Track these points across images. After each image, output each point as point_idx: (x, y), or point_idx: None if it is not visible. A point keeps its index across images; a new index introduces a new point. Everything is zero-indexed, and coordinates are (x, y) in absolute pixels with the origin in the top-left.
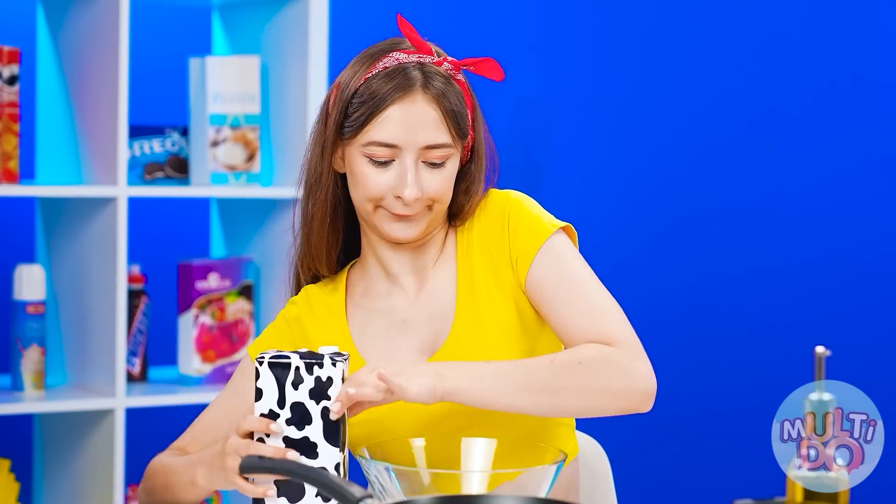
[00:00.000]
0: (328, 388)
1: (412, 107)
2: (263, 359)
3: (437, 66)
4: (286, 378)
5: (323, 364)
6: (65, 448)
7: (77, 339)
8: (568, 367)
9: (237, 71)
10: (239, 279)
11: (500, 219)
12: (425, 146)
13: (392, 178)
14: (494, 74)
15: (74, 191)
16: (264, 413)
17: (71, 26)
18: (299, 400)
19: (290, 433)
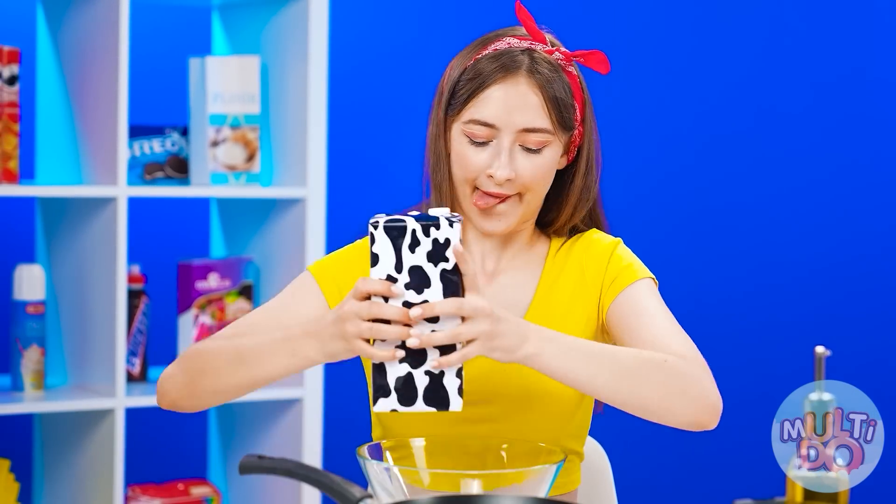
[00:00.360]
0: (445, 250)
1: (514, 88)
2: (378, 223)
3: (548, 54)
4: (402, 241)
5: (440, 225)
6: (65, 448)
7: (77, 339)
8: (654, 362)
9: (237, 71)
10: (239, 279)
11: (604, 253)
12: (523, 129)
13: (487, 157)
14: (601, 67)
15: (74, 191)
16: (382, 278)
17: (71, 26)
18: (417, 263)
19: (409, 297)
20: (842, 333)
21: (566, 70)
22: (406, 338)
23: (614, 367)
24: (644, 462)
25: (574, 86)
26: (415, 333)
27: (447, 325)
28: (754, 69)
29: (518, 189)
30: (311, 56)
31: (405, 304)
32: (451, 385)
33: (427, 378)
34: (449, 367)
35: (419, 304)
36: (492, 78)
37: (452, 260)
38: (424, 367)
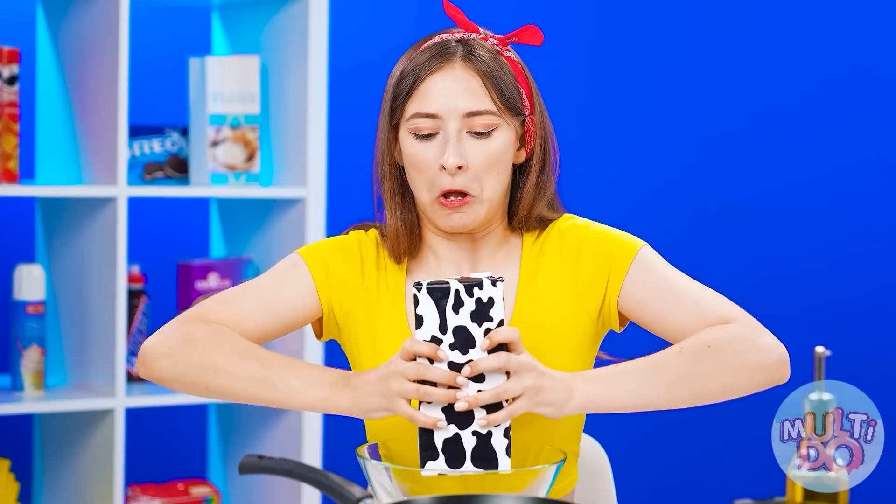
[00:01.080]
0: (489, 310)
1: (451, 74)
2: (422, 285)
3: (483, 41)
4: (446, 302)
5: (483, 285)
6: (65, 448)
7: (77, 339)
8: (699, 353)
9: (237, 71)
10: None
11: (587, 238)
12: (466, 113)
13: (437, 149)
14: (535, 40)
15: (74, 191)
16: (426, 341)
17: (71, 26)
18: (461, 324)
19: (454, 358)
20: (842, 333)
21: (504, 55)
22: (453, 400)
23: (665, 378)
24: (644, 461)
25: (516, 70)
26: (461, 396)
27: (492, 383)
28: (756, 66)
29: (472, 181)
30: (311, 56)
31: (450, 365)
32: (499, 445)
33: (475, 438)
34: (496, 425)
35: (467, 364)
36: (427, 69)
37: (497, 318)
38: (472, 427)
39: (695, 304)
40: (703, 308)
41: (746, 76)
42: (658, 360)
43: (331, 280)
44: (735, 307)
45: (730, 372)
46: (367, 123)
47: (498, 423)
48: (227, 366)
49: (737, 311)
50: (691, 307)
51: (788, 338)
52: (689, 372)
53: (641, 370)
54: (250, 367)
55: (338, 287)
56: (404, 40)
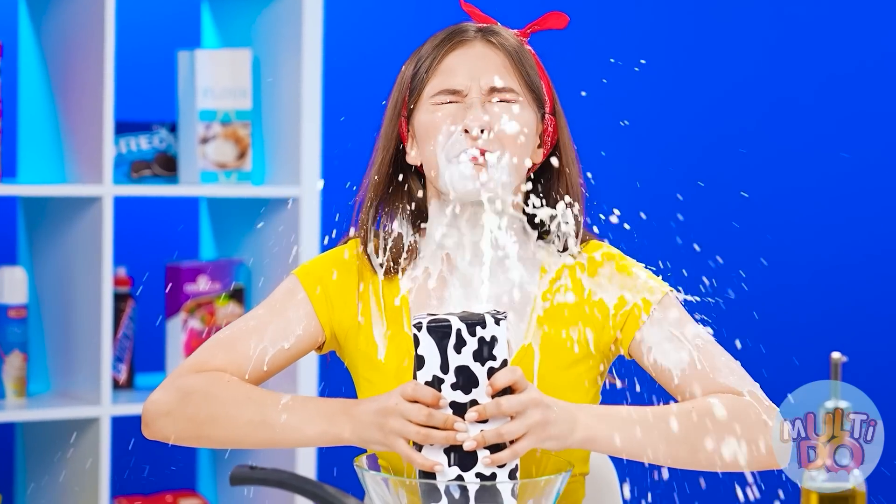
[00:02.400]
0: (493, 348)
1: (472, 51)
2: (422, 324)
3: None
4: (448, 342)
5: (486, 324)
6: (48, 458)
7: (61, 345)
8: (710, 421)
9: (228, 65)
10: (230, 282)
11: (611, 273)
12: (490, 88)
13: (457, 113)
14: (559, 23)
15: (58, 190)
16: (428, 381)
17: (54, 18)
18: (464, 363)
19: (456, 398)
20: (855, 337)
21: (526, 46)
22: (454, 442)
23: (671, 435)
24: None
25: (538, 65)
26: (461, 437)
27: (495, 423)
28: (767, 63)
29: (493, 143)
30: (305, 49)
31: (452, 405)
32: (504, 488)
33: (475, 484)
34: (501, 464)
35: (474, 408)
36: (446, 48)
37: (500, 357)
38: (475, 469)
39: (709, 365)
40: (716, 372)
41: (762, 76)
42: (666, 415)
43: (330, 302)
44: (748, 379)
45: (736, 445)
46: (364, 119)
47: (503, 462)
48: (225, 415)
49: (749, 382)
50: (705, 368)
51: (801, 342)
52: (694, 438)
53: (649, 421)
54: (247, 412)
55: (338, 307)
56: (403, 32)
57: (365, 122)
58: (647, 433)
